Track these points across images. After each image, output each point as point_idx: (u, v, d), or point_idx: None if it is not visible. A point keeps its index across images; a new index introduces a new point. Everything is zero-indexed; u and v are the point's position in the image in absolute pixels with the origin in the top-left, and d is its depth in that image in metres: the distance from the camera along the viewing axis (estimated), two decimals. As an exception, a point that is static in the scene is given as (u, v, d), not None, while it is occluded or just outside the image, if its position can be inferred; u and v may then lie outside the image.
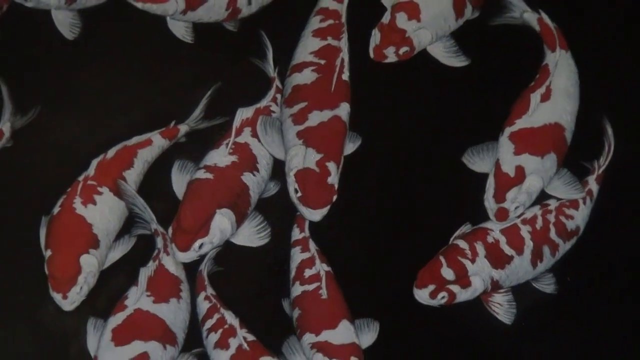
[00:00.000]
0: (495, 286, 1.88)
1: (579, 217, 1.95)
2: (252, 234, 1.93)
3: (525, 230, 1.90)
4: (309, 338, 1.79)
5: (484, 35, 2.15)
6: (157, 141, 2.01)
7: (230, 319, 1.82)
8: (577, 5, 2.22)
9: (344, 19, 2.09)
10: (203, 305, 1.86)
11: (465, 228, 1.93)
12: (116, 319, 1.78)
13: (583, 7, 2.23)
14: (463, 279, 1.84)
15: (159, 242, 1.88)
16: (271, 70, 2.07)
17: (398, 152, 2.10)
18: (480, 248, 1.87)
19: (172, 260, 1.87)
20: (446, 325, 1.91)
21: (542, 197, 1.94)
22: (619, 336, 1.95)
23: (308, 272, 1.86)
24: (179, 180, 1.94)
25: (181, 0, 2.05)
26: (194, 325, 1.86)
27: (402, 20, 2.06)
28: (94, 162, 1.94)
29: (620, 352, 1.94)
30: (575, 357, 1.94)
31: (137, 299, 1.80)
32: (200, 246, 1.84)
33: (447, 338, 1.92)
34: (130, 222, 1.93)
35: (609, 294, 1.98)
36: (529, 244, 1.89)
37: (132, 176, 1.95)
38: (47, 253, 1.85)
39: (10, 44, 2.13)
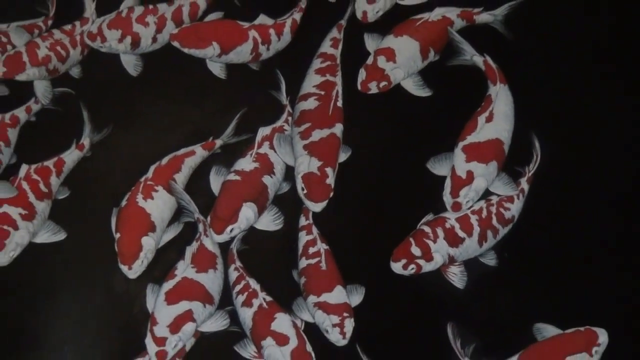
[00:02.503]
0: (452, 260, 1.96)
1: (514, 209, 2.02)
2: (270, 221, 2.00)
3: (474, 219, 1.98)
4: (312, 299, 1.88)
5: (443, 73, 2.21)
6: (199, 152, 2.10)
7: (254, 284, 1.91)
8: (513, 51, 2.25)
9: (338, 61, 2.18)
10: (233, 274, 1.94)
11: (429, 217, 2.01)
12: (168, 285, 1.87)
13: (518, 52, 2.26)
14: (427, 255, 1.93)
15: (200, 227, 1.96)
16: (284, 99, 2.15)
17: (379, 160, 2.16)
18: (440, 232, 1.95)
19: (210, 241, 1.94)
20: (414, 289, 1.98)
21: (486, 194, 2.01)
22: (545, 298, 1.98)
23: (311, 250, 1.95)
24: (215, 181, 2.02)
25: (217, 46, 2.14)
26: (226, 289, 1.93)
27: (382, 61, 2.15)
28: (152, 168, 2.04)
29: (544, 310, 1.95)
30: (511, 313, 1.96)
31: (184, 270, 1.88)
32: (231, 230, 1.94)
33: (415, 299, 1.98)
34: (178, 213, 2.02)
35: (537, 266, 2.02)
36: (476, 229, 1.96)
37: (181, 178, 2.04)
38: (117, 235, 1.95)
39: (90, 79, 2.23)
